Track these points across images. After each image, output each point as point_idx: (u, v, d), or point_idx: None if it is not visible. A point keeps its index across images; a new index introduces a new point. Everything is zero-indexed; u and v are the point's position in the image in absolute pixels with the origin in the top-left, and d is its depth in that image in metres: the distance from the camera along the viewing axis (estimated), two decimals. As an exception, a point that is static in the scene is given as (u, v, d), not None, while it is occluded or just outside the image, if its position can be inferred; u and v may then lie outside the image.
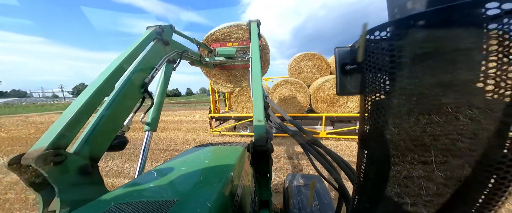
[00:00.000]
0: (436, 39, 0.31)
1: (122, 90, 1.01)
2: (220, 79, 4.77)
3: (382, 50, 0.37)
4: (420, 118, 0.34)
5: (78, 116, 0.80)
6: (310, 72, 6.83)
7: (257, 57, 1.46)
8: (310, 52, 6.75)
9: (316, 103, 6.09)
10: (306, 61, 6.79)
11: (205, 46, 2.53)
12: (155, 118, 1.49)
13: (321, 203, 1.43)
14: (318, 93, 6.00)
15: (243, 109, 6.64)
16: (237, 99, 6.54)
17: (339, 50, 0.49)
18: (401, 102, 0.35)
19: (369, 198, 0.47)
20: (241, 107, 6.62)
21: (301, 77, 6.88)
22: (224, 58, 2.61)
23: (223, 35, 3.99)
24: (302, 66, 6.83)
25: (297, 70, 6.89)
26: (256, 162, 0.77)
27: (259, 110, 0.96)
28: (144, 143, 1.40)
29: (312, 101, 6.17)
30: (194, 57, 2.07)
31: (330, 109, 6.05)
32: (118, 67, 1.01)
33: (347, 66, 0.49)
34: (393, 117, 0.37)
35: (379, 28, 0.37)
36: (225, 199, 0.75)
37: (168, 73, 1.62)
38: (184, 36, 1.92)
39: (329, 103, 5.99)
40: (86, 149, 0.83)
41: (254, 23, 1.94)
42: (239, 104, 6.60)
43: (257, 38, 1.77)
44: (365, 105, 0.43)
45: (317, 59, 6.69)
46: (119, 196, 0.69)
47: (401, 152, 0.37)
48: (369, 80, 0.41)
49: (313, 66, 6.77)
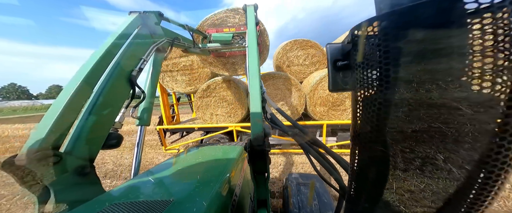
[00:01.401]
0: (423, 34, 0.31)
1: (108, 84, 0.93)
2: (216, 67, 3.95)
3: (370, 45, 0.37)
4: (411, 114, 0.34)
5: (64, 113, 0.77)
6: (302, 65, 5.14)
7: (255, 47, 1.34)
8: (301, 39, 5.04)
9: (313, 106, 4.41)
10: (296, 51, 5.07)
11: (198, 32, 2.39)
12: (147, 112, 1.39)
13: (321, 203, 1.43)
14: (316, 94, 4.33)
15: (211, 117, 4.65)
16: (201, 102, 4.52)
17: (330, 47, 0.49)
18: (391, 99, 0.35)
19: (363, 195, 0.48)
20: (209, 114, 4.63)
21: (291, 71, 5.15)
22: (220, 44, 2.46)
23: (219, 20, 3.43)
24: (292, 57, 5.10)
25: (285, 62, 5.14)
26: (253, 161, 0.77)
27: (257, 106, 0.94)
28: (138, 138, 1.35)
29: (307, 104, 4.47)
30: (186, 44, 1.93)
31: (332, 114, 4.42)
32: (102, 58, 0.93)
33: (338, 63, 0.49)
34: (384, 113, 0.37)
35: (366, 23, 0.37)
36: (222, 198, 0.73)
37: (158, 63, 1.49)
38: (175, 22, 1.74)
39: (331, 106, 4.35)
40: (80, 149, 0.81)
41: (250, 7, 1.83)
42: (206, 110, 4.59)
43: (254, 24, 1.62)
44: (356, 101, 0.43)
45: (310, 47, 5.02)
46: (115, 196, 0.68)
47: (393, 149, 0.38)
48: (359, 76, 0.41)
49: (305, 56, 5.08)
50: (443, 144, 0.32)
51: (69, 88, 0.81)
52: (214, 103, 4.56)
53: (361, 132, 0.42)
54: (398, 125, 0.35)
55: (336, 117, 4.40)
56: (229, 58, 3.79)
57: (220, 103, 4.55)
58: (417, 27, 0.31)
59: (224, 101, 4.53)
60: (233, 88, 4.43)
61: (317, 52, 5.03)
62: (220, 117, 4.65)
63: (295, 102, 4.53)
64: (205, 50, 2.56)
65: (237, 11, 3.39)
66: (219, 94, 4.48)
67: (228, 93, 4.47)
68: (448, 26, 0.28)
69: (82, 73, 0.85)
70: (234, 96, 4.46)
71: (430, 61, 0.31)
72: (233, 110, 4.57)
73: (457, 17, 0.27)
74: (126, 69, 1.04)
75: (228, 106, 4.55)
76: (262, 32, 3.58)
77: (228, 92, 4.46)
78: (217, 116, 4.65)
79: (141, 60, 1.13)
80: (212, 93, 4.47)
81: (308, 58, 5.08)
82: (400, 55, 0.33)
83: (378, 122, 0.37)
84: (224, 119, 4.65)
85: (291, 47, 5.08)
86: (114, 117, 1.01)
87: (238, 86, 4.40)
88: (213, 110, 4.61)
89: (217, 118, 4.66)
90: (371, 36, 0.36)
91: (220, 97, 4.50)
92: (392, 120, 0.36)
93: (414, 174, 0.37)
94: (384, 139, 0.38)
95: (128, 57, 1.05)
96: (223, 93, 4.47)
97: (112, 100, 0.96)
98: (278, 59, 5.18)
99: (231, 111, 4.58)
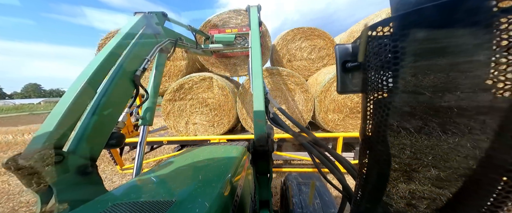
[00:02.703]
0: (441, 35, 0.30)
1: (112, 84, 0.95)
2: (218, 67, 3.63)
3: (384, 47, 0.36)
4: (424, 118, 0.34)
5: (70, 112, 0.78)
6: (307, 59, 4.05)
7: (258, 47, 1.37)
8: (306, 27, 3.96)
9: (323, 113, 3.31)
10: (300, 41, 3.98)
11: (201, 32, 2.41)
12: (150, 111, 1.43)
13: (322, 201, 1.41)
14: (328, 96, 3.23)
15: (186, 127, 3.42)
16: (173, 107, 3.29)
17: (339, 47, 0.49)
18: (403, 102, 0.35)
19: (371, 198, 0.47)
20: (183, 123, 3.39)
21: (292, 67, 4.05)
22: (222, 45, 2.43)
23: (222, 22, 3.23)
24: (294, 49, 4.00)
25: (285, 56, 4.03)
26: (256, 161, 0.77)
27: (260, 107, 0.94)
28: (140, 138, 1.36)
29: (316, 110, 3.37)
30: (189, 45, 1.93)
31: (350, 124, 3.34)
32: (106, 59, 0.95)
33: (348, 64, 0.48)
34: (396, 116, 0.36)
35: (381, 24, 0.36)
36: (224, 199, 0.72)
37: (161, 63, 1.52)
38: (179, 23, 1.81)
39: (348, 113, 3.27)
40: (83, 148, 0.81)
41: (254, 8, 1.82)
42: (179, 117, 3.36)
43: (257, 25, 1.64)
44: (367, 104, 0.42)
45: (317, 37, 3.94)
46: (117, 196, 0.69)
47: (404, 152, 0.37)
48: (371, 78, 0.40)
49: (311, 49, 4.00)
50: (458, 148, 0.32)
51: (74, 88, 0.82)
52: (190, 109, 3.34)
53: (372, 135, 0.41)
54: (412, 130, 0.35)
55: (355, 127, 3.32)
56: (231, 59, 3.54)
57: (198, 108, 3.34)
58: (437, 28, 0.29)
59: (205, 106, 3.33)
60: (217, 89, 3.24)
61: (325, 43, 3.96)
62: (199, 127, 3.44)
63: (301, 107, 3.41)
64: (207, 51, 2.51)
65: (240, 12, 3.20)
66: (197, 96, 3.28)
67: (209, 96, 3.28)
68: (472, 26, 0.27)
69: (87, 73, 0.86)
70: (218, 99, 3.28)
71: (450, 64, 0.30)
72: (218, 118, 3.38)
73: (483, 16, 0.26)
74: (130, 69, 1.06)
75: (210, 113, 3.35)
76: (264, 33, 3.35)
77: (210, 94, 3.27)
78: (195, 126, 3.44)
79: (145, 60, 1.15)
80: (187, 96, 3.25)
81: (314, 51, 4.00)
82: (416, 57, 0.32)
83: (390, 125, 0.37)
84: (205, 130, 3.45)
85: (293, 37, 3.98)
86: (118, 116, 1.00)
87: (223, 87, 3.22)
88: (189, 118, 3.38)
89: (195, 128, 3.44)
90: (386, 37, 0.35)
91: (199, 101, 3.30)
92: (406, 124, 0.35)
93: (427, 179, 0.36)
94: (395, 142, 0.37)
95: (132, 58, 1.07)
96: (203, 95, 3.27)
97: (116, 100, 0.97)
98: (276, 53, 4.06)
99: (214, 119, 3.39)
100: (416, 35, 0.31)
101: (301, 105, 3.37)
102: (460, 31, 0.28)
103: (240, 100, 3.30)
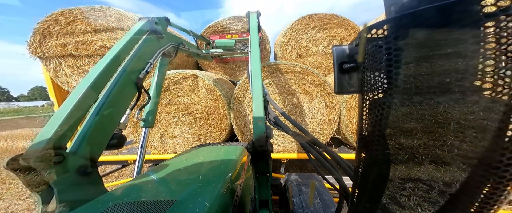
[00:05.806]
0: (433, 37, 0.31)
1: (115, 87, 0.97)
2: (218, 72, 3.49)
3: (380, 48, 0.36)
4: (418, 118, 0.34)
5: (73, 113, 0.79)
6: (323, 54, 3.15)
7: (257, 51, 1.39)
8: (322, 13, 3.09)
9: (354, 124, 2.38)
10: (314, 31, 3.10)
11: (202, 38, 2.40)
12: (152, 114, 1.47)
13: (322, 200, 1.43)
14: (356, 104, 2.31)
15: (162, 143, 2.52)
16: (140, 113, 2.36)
17: (336, 49, 0.50)
18: (399, 102, 0.35)
19: (368, 197, 0.47)
20: (158, 137, 2.49)
21: (303, 64, 3.14)
22: (223, 50, 2.41)
23: (222, 28, 3.18)
24: (305, 42, 3.12)
25: (295, 50, 3.14)
26: (255, 161, 0.80)
27: (259, 108, 0.96)
28: (142, 140, 1.39)
29: (343, 122, 2.44)
30: (191, 49, 1.93)
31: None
32: (111, 62, 0.97)
33: (345, 65, 0.49)
34: (391, 116, 0.37)
35: (376, 26, 0.37)
36: (224, 198, 0.73)
37: (164, 67, 1.57)
38: (181, 28, 1.85)
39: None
40: (84, 149, 0.82)
41: (253, 14, 1.84)
42: (152, 130, 2.44)
43: (257, 30, 1.66)
44: (363, 104, 0.42)
45: (337, 26, 3.06)
46: (118, 196, 0.69)
47: (399, 152, 0.38)
48: (367, 79, 0.40)
49: (329, 41, 3.11)
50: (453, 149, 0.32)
51: (78, 90, 0.83)
52: (166, 118, 2.44)
53: (368, 135, 0.41)
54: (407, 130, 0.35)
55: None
56: (231, 63, 3.53)
57: (178, 117, 2.44)
58: (428, 30, 0.31)
59: (187, 115, 2.43)
60: (204, 92, 2.35)
61: (348, 34, 3.07)
62: (181, 142, 2.53)
63: (321, 116, 2.47)
64: (208, 56, 2.50)
65: (240, 19, 3.16)
66: (176, 101, 2.38)
67: (193, 100, 2.38)
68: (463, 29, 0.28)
69: (92, 75, 0.88)
70: (205, 105, 2.38)
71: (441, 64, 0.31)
72: (205, 130, 2.48)
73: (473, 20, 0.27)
74: (133, 72, 1.08)
75: (195, 123, 2.45)
76: (264, 39, 3.34)
77: (194, 97, 2.38)
78: (175, 140, 2.53)
79: (148, 63, 1.18)
80: (162, 100, 2.36)
81: (333, 44, 3.09)
82: (410, 58, 0.33)
83: (386, 125, 0.37)
84: (188, 145, 2.53)
85: (305, 27, 3.11)
86: (119, 118, 1.02)
87: (212, 88, 2.33)
88: (166, 130, 2.48)
89: (175, 143, 2.53)
90: (381, 39, 0.36)
91: (179, 107, 2.40)
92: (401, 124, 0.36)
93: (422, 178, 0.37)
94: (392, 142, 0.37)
95: (135, 61, 1.10)
96: (184, 99, 2.38)
97: (119, 101, 0.99)
98: (282, 46, 3.18)
99: (201, 132, 2.48)
100: (409, 37, 0.32)
101: (321, 114, 2.44)
102: (451, 34, 0.29)
103: (235, 107, 2.40)
